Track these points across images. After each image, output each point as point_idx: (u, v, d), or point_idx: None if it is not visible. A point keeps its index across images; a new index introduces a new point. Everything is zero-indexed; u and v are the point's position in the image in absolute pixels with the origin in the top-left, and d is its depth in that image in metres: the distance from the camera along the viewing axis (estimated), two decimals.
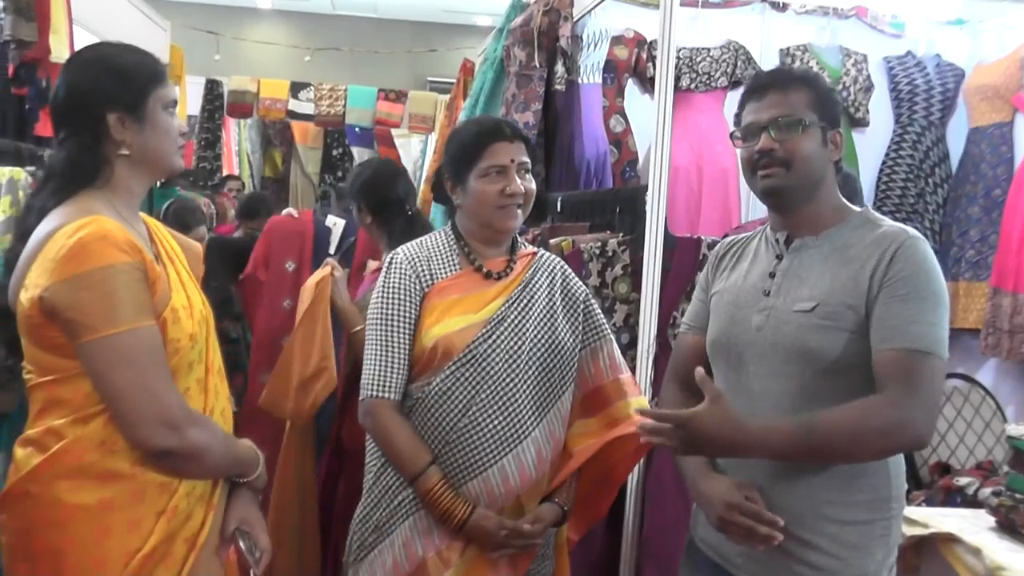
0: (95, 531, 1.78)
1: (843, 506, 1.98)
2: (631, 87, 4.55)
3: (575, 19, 4.26)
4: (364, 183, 3.35)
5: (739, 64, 4.40)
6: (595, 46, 4.27)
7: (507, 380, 2.29)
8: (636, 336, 3.30)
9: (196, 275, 2.11)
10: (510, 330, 2.32)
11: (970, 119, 4.38)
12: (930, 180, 4.41)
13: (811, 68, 4.30)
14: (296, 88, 9.54)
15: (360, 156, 10.73)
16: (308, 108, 9.54)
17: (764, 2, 4.54)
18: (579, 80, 4.28)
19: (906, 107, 4.47)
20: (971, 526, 2.74)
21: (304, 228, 4.21)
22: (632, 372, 2.57)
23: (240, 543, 2.02)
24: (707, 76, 4.37)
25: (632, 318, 3.36)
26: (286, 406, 3.39)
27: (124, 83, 1.90)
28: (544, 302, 2.41)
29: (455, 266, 2.39)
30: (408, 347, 2.32)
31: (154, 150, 1.95)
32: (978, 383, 4.12)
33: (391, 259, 2.41)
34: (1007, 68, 4.17)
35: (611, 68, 4.41)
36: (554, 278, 2.47)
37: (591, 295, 2.56)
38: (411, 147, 9.88)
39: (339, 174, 11.01)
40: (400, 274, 2.36)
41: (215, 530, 1.97)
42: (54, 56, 4.67)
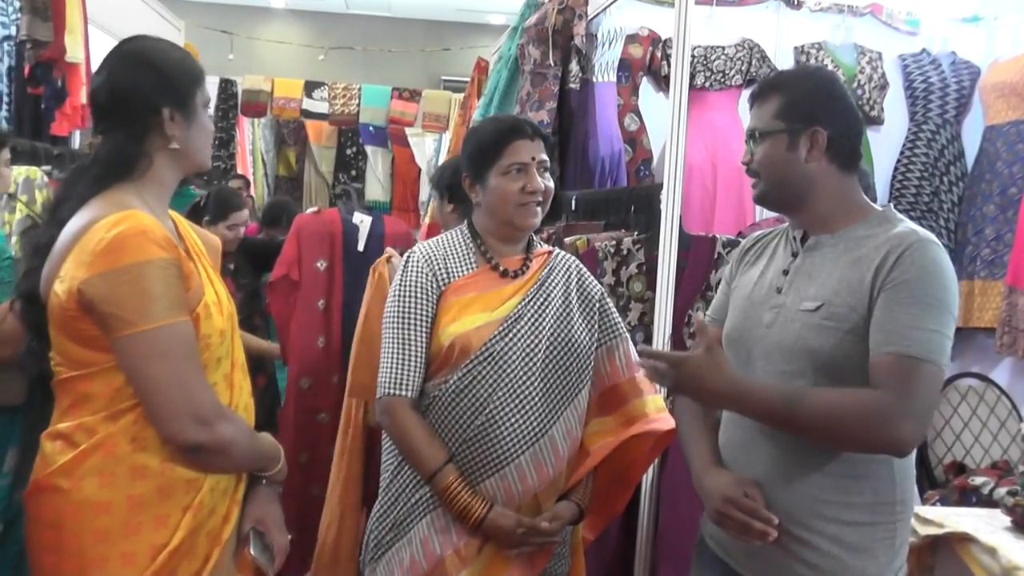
0: (124, 526, 1.80)
1: (843, 507, 1.97)
2: (645, 85, 4.55)
3: (590, 17, 4.25)
4: (446, 173, 3.31)
5: (754, 62, 4.40)
6: (610, 44, 4.27)
7: (524, 378, 2.30)
8: (651, 335, 3.29)
9: (215, 268, 2.14)
10: (526, 328, 2.33)
11: (986, 117, 4.36)
12: (945, 178, 4.40)
13: (825, 66, 4.30)
14: (310, 87, 9.56)
15: (374, 155, 10.74)
16: (322, 107, 9.56)
17: (779, 0, 4.54)
18: (594, 78, 4.28)
19: (921, 105, 4.46)
20: (986, 526, 2.73)
21: (333, 227, 4.21)
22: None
23: (251, 546, 2.01)
24: (722, 74, 4.37)
25: (647, 316, 3.36)
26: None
27: (177, 79, 1.94)
28: (560, 300, 2.42)
29: (472, 264, 2.40)
30: (425, 345, 2.32)
31: (196, 147, 2.00)
32: (993, 382, 4.10)
33: (408, 257, 2.41)
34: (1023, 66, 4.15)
35: (626, 66, 4.41)
36: (569, 277, 2.48)
37: (606, 294, 2.57)
38: (425, 146, 9.88)
39: (353, 173, 11.02)
40: (417, 272, 2.36)
41: (237, 526, 1.99)
42: (69, 56, 4.70)
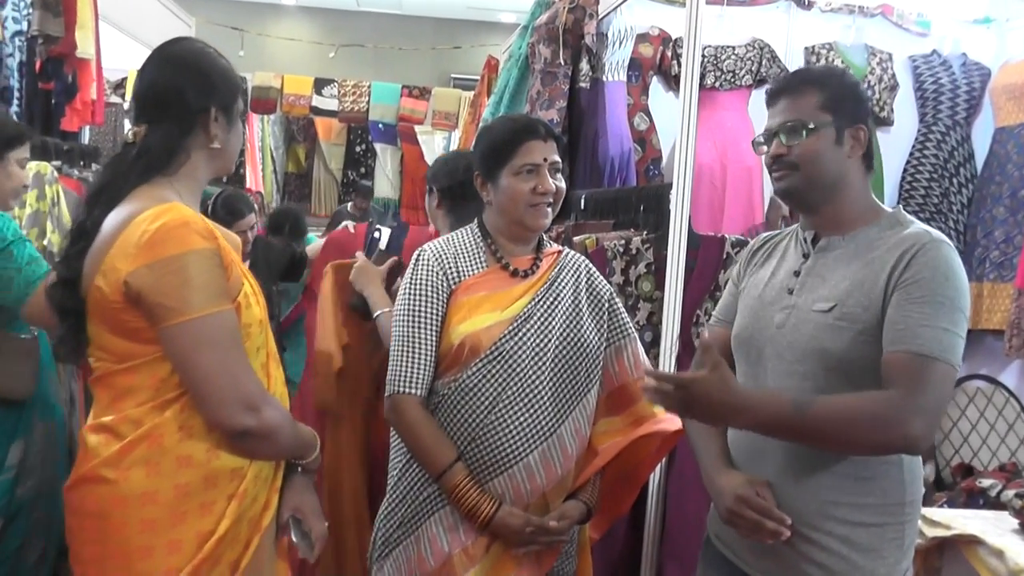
0: (170, 515, 1.82)
1: (853, 508, 1.98)
2: (655, 85, 4.55)
3: (600, 16, 4.25)
4: (439, 168, 3.30)
5: (764, 62, 4.39)
6: (620, 44, 4.27)
7: (533, 377, 2.30)
8: (659, 334, 3.30)
9: None
10: (536, 328, 2.34)
11: (996, 119, 4.35)
12: (955, 180, 4.39)
13: (836, 66, 4.30)
14: (320, 84, 9.58)
15: (383, 153, 10.76)
16: (332, 104, 9.57)
17: (789, 0, 4.53)
18: (604, 78, 4.28)
19: (931, 106, 4.45)
20: (994, 528, 2.73)
21: (356, 241, 4.23)
22: None
23: (292, 532, 2.05)
24: (732, 74, 4.37)
25: (655, 316, 3.36)
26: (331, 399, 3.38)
27: (225, 83, 2.01)
28: (569, 300, 2.42)
29: (482, 263, 2.41)
30: (434, 344, 2.33)
31: (231, 151, 2.06)
32: (1002, 384, 4.10)
33: (418, 255, 2.42)
34: None
35: (636, 66, 4.41)
36: (579, 277, 2.48)
37: (615, 293, 2.57)
38: (434, 144, 9.88)
39: (362, 170, 11.05)
40: (428, 271, 2.37)
41: (276, 513, 2.01)
42: (80, 52, 4.72)
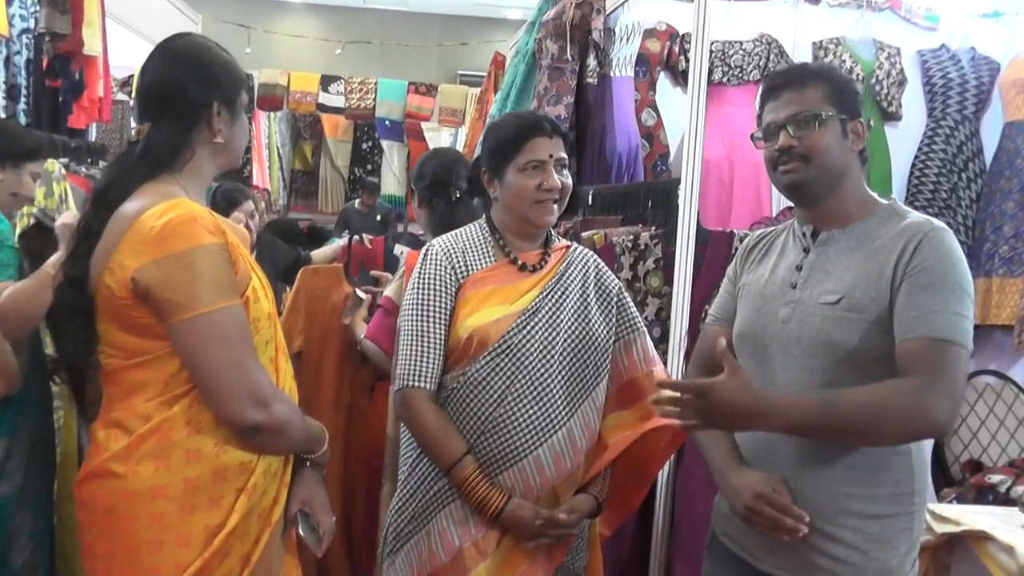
0: (179, 509, 1.83)
1: (866, 500, 1.99)
2: (663, 80, 4.54)
3: (607, 12, 4.25)
4: (416, 169, 3.35)
5: (772, 57, 4.37)
6: (627, 39, 4.27)
7: (541, 371, 2.30)
8: (668, 330, 3.30)
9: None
10: (544, 321, 2.34)
11: (1005, 113, 4.32)
12: (963, 175, 4.37)
13: (843, 62, 4.28)
14: (326, 81, 9.60)
15: (390, 150, 10.79)
16: (338, 101, 9.59)
17: None
18: (611, 73, 4.28)
19: (939, 101, 4.43)
20: (1004, 524, 2.72)
21: (376, 258, 4.25)
22: (664, 366, 2.57)
23: (299, 526, 2.06)
24: (739, 69, 4.35)
25: (664, 312, 3.36)
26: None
27: (227, 77, 2.00)
28: (578, 295, 2.42)
29: (490, 258, 2.41)
30: (443, 337, 2.33)
31: (236, 144, 2.06)
32: (1011, 380, 4.08)
33: (426, 250, 2.43)
34: None
35: (643, 61, 4.40)
36: (587, 271, 2.48)
37: (623, 288, 2.57)
38: (441, 140, 9.92)
39: (369, 167, 11.06)
40: (436, 265, 2.37)
41: (285, 507, 2.02)
42: (87, 49, 4.73)
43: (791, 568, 2.04)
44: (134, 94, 2.24)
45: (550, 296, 2.37)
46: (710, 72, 4.04)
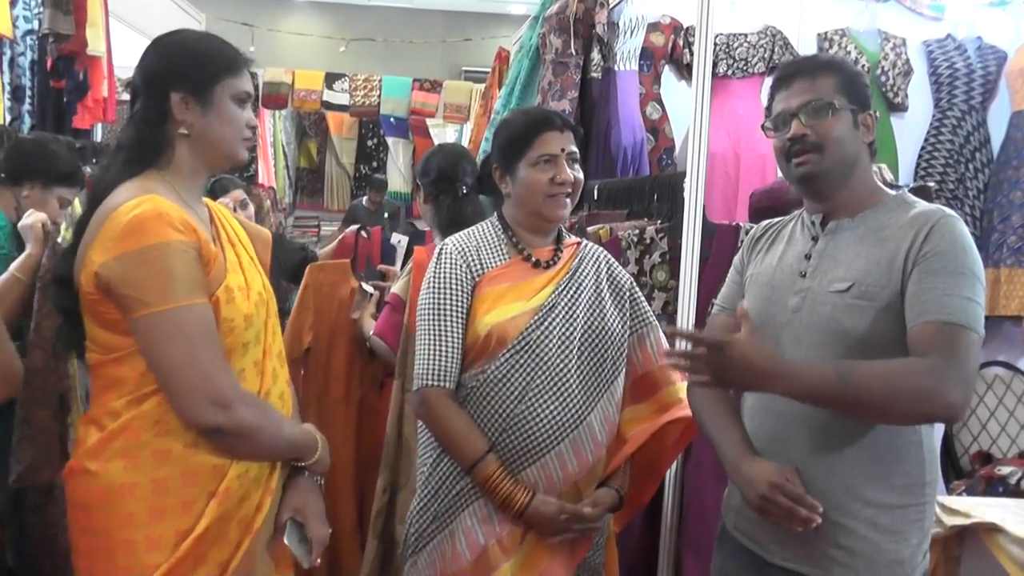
0: (148, 510, 1.81)
1: (878, 490, 1.98)
2: (667, 74, 4.54)
3: (611, 6, 4.24)
4: (421, 166, 3.34)
5: (776, 49, 4.36)
6: (631, 33, 4.26)
7: (561, 366, 2.30)
8: (675, 324, 3.28)
9: (263, 261, 2.17)
10: (561, 317, 2.34)
11: (1012, 103, 4.31)
12: (970, 165, 4.35)
13: (848, 53, 4.27)
14: (331, 79, 9.58)
15: (395, 146, 10.78)
16: (343, 99, 9.58)
17: None
18: (615, 67, 4.27)
19: (946, 91, 4.41)
20: (1014, 516, 2.71)
21: (372, 249, 4.25)
22: None
23: (286, 535, 2.00)
24: (744, 62, 4.35)
25: (671, 306, 3.35)
26: None
27: (193, 66, 1.95)
28: (592, 290, 2.43)
29: (504, 255, 2.41)
30: (461, 336, 2.32)
31: (216, 137, 1.98)
32: (1020, 371, 4.08)
33: (440, 249, 2.42)
34: None
35: (647, 55, 4.40)
36: (599, 266, 2.49)
37: (634, 283, 2.56)
38: (446, 137, 9.90)
39: (374, 164, 11.06)
40: (451, 264, 2.37)
41: (271, 515, 1.98)
42: (91, 49, 4.74)
43: (803, 560, 2.03)
44: None
45: (565, 291, 2.37)
46: (714, 65, 4.03)
